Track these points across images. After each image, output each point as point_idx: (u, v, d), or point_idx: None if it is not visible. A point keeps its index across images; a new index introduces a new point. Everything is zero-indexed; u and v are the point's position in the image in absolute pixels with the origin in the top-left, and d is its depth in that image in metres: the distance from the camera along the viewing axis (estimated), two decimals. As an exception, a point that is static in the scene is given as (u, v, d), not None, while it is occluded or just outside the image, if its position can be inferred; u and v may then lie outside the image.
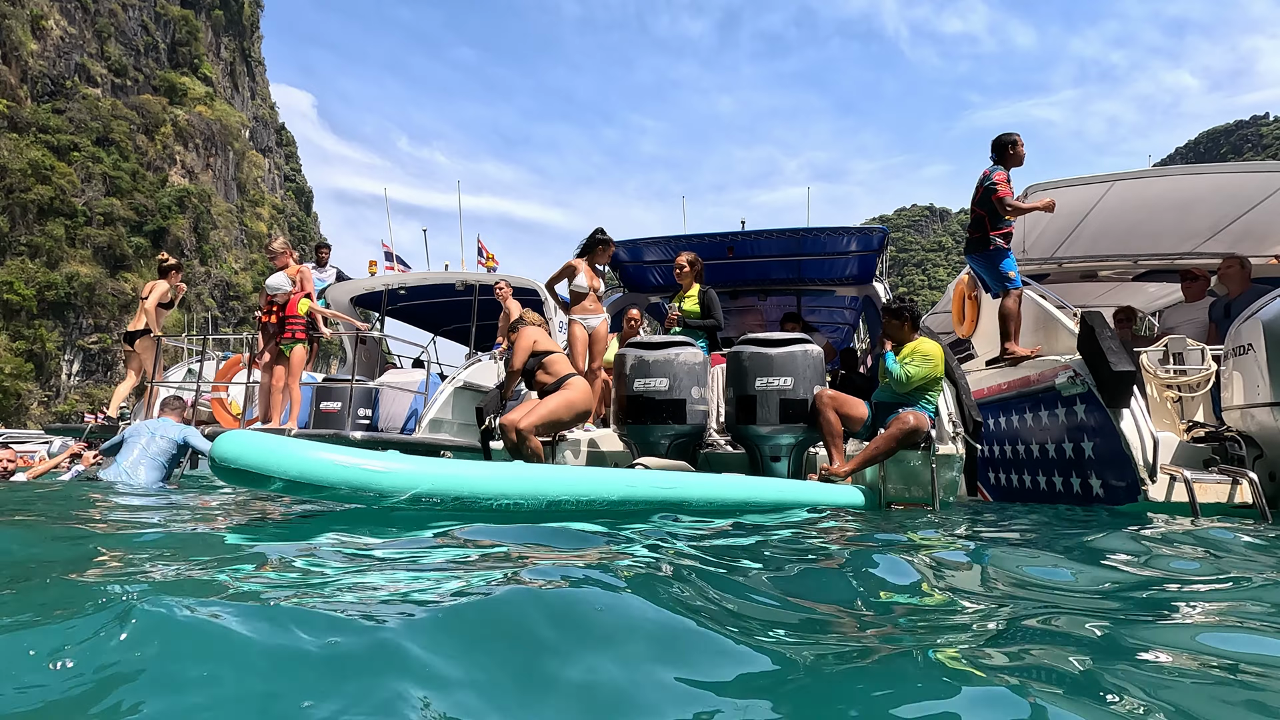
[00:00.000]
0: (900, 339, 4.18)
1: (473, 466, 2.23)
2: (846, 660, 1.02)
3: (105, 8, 77.54)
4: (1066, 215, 5.88)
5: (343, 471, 1.92)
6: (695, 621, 1.11)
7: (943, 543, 2.47)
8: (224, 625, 0.90)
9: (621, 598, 1.19)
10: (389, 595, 1.24)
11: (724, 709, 0.85)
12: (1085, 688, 0.92)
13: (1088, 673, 0.98)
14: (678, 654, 1.01)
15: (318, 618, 0.98)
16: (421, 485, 2.00)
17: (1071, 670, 0.99)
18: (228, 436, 1.96)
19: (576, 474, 2.47)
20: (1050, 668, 1.01)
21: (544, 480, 2.32)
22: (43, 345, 57.95)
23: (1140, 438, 3.83)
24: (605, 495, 2.40)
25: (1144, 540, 2.55)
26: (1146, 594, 1.66)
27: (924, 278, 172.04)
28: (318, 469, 1.90)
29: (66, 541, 1.93)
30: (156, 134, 77.58)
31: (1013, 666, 1.00)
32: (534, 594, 1.18)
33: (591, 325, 5.58)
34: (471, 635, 1.00)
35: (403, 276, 9.26)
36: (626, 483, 2.54)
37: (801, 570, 1.82)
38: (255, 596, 1.21)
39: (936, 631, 1.25)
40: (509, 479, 2.24)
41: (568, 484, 2.36)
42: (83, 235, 63.93)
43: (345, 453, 2.00)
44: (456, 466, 2.17)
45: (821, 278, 8.04)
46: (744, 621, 1.23)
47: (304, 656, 0.87)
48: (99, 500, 3.37)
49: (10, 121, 61.30)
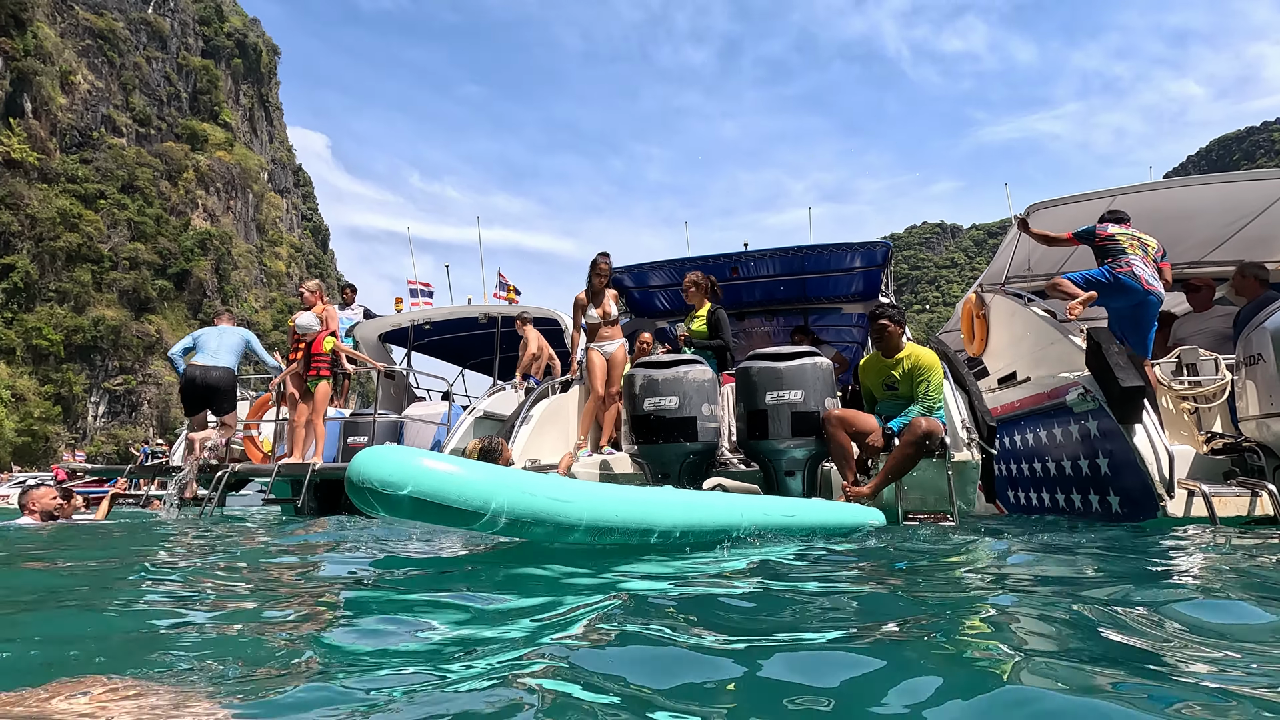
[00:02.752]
0: (893, 346, 4.12)
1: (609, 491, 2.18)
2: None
3: (130, 61, 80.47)
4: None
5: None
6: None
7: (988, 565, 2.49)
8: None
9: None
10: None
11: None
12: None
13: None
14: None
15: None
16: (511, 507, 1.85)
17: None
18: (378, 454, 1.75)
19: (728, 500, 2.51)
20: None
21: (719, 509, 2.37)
22: (70, 388, 59.14)
23: (1155, 453, 3.80)
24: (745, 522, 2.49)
25: (1174, 555, 2.56)
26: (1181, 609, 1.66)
27: (938, 294, 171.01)
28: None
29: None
30: (179, 180, 79.82)
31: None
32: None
33: (608, 351, 5.68)
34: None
35: (428, 312, 9.45)
36: (763, 512, 2.60)
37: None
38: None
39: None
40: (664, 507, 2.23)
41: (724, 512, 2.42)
42: (109, 280, 65.59)
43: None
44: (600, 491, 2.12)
45: (827, 295, 8.03)
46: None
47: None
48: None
49: (40, 173, 63.42)
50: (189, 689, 0.96)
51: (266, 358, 7.17)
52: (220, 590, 1.98)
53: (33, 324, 57.86)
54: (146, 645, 1.28)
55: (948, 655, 1.17)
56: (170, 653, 1.19)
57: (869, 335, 4.55)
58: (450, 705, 0.91)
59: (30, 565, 2.56)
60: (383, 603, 1.66)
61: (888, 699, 0.94)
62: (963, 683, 1.00)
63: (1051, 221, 5.61)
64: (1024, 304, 5.73)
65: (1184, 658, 1.16)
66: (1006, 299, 6.06)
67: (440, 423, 7.60)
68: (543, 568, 2.05)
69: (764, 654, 1.13)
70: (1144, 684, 1.00)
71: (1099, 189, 5.62)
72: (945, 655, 1.16)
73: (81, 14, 74.75)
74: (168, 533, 4.08)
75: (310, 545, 3.22)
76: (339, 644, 1.26)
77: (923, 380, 3.97)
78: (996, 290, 6.34)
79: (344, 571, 2.28)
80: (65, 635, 1.37)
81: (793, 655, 1.15)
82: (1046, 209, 5.62)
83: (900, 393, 4.10)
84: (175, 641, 1.30)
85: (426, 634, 1.31)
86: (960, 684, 0.99)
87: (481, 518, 1.75)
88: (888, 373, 4.15)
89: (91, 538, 3.83)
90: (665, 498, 2.31)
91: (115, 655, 1.21)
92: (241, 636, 1.36)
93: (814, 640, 1.28)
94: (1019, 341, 5.70)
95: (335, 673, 1.05)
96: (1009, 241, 6.23)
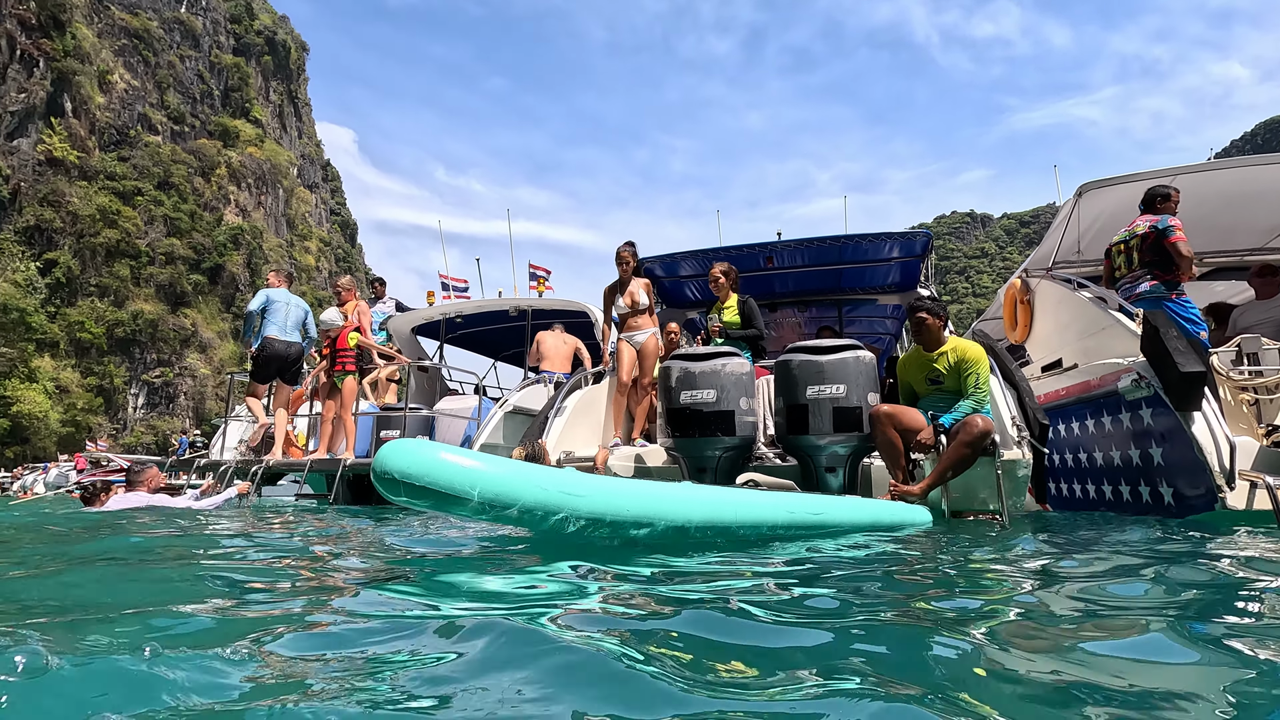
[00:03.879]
0: (934, 339, 3.97)
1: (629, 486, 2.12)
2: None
3: (164, 60, 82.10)
4: (1124, 214, 5.70)
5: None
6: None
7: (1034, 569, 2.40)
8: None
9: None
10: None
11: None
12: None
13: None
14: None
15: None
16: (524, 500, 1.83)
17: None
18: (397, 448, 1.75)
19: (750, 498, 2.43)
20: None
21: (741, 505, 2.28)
22: (111, 380, 60.87)
23: (1215, 442, 3.63)
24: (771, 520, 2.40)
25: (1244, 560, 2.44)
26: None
27: (968, 285, 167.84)
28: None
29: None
30: (212, 176, 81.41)
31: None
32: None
33: (637, 342, 5.60)
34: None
35: (459, 305, 9.48)
36: (787, 510, 2.50)
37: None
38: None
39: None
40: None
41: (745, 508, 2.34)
42: (146, 274, 67.24)
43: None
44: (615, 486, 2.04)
45: (863, 286, 7.87)
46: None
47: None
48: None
49: (80, 170, 65.10)
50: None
51: (313, 334, 7.38)
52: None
53: (75, 318, 59.58)
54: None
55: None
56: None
57: (907, 328, 4.41)
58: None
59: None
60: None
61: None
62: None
63: (1104, 204, 5.41)
64: (1073, 289, 5.51)
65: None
66: (1054, 284, 5.84)
67: (471, 417, 7.63)
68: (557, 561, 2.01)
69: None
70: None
71: (1155, 168, 5.36)
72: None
73: (117, 14, 76.43)
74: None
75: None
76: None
77: (971, 373, 3.81)
78: (1043, 275, 6.13)
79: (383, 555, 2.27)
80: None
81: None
82: (1099, 189, 5.39)
83: (946, 387, 3.94)
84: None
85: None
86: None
87: (465, 503, 1.72)
88: (930, 367, 4.00)
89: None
90: (730, 498, 2.25)
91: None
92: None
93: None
94: (1066, 328, 5.50)
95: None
96: (1058, 224, 6.02)
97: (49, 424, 52.73)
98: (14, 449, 49.02)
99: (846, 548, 2.42)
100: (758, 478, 3.64)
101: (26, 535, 3.41)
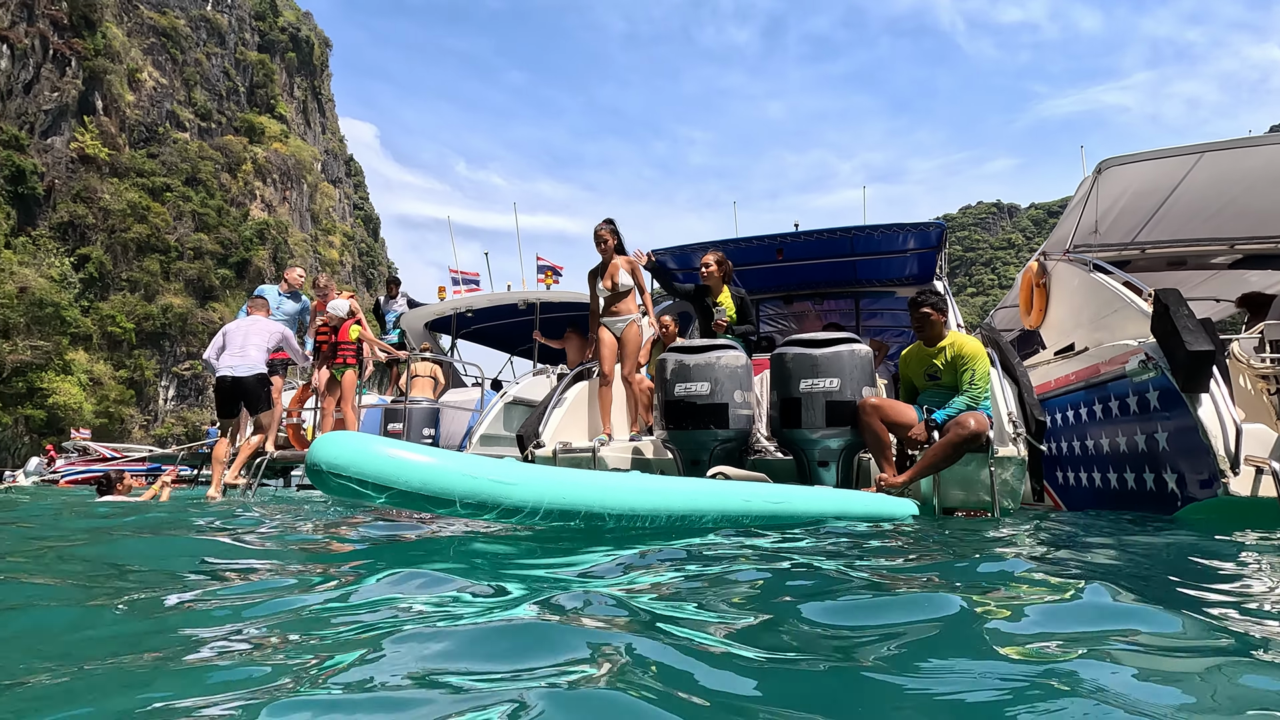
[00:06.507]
0: (935, 334, 3.90)
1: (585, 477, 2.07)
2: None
3: (191, 57, 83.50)
4: (1147, 193, 5.43)
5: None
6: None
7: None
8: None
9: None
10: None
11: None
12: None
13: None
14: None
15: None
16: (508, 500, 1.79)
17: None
18: (329, 440, 1.72)
19: (700, 486, 2.36)
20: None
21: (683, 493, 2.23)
22: (142, 373, 62.37)
23: (1221, 424, 3.46)
24: (732, 510, 2.33)
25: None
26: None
27: (994, 277, 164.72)
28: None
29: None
30: (238, 172, 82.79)
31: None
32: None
33: (618, 329, 5.26)
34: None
35: (469, 299, 9.47)
36: (742, 498, 2.44)
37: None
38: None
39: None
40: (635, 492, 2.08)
41: (700, 498, 2.27)
42: (175, 269, 68.68)
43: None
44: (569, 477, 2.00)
45: (879, 278, 7.73)
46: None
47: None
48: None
49: (111, 167, 66.59)
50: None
51: (296, 355, 6.98)
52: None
53: (107, 312, 61.08)
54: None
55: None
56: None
57: (912, 323, 4.29)
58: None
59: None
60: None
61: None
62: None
63: (1125, 182, 5.18)
64: (1089, 271, 5.29)
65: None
66: (1070, 266, 5.61)
67: (474, 409, 7.65)
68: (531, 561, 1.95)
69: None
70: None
71: (1184, 144, 5.05)
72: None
73: (146, 13, 77.83)
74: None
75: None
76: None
77: (966, 369, 3.72)
78: (1060, 258, 5.92)
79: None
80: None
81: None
82: (1120, 165, 5.16)
83: (943, 382, 3.87)
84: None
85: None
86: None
87: (388, 492, 1.66)
88: (929, 362, 3.93)
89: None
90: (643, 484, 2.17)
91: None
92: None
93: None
94: (1080, 311, 5.30)
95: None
96: (1074, 205, 5.80)
97: (84, 415, 54.19)
98: (51, 439, 50.57)
99: (820, 541, 2.34)
100: (728, 470, 3.57)
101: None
